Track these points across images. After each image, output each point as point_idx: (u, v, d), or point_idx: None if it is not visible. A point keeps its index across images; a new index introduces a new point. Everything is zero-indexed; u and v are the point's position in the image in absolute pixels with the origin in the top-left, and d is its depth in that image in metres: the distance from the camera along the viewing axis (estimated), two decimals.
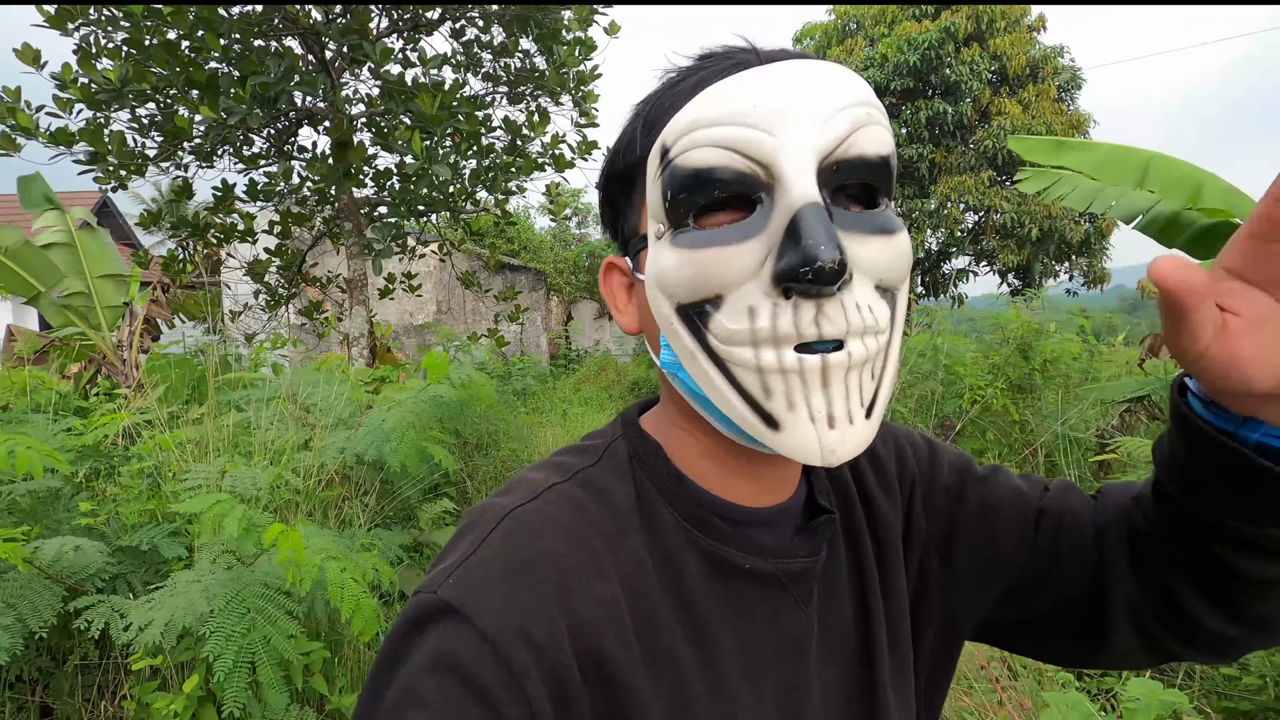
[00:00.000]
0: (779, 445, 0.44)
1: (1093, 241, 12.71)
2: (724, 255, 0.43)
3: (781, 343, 0.42)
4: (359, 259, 4.81)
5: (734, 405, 0.45)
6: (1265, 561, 0.46)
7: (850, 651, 0.56)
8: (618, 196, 0.53)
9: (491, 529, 0.47)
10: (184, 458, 2.18)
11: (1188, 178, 3.19)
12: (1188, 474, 0.47)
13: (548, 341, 13.01)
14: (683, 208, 0.44)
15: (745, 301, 0.43)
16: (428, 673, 0.41)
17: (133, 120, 4.08)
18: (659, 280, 0.46)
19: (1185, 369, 0.41)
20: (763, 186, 0.42)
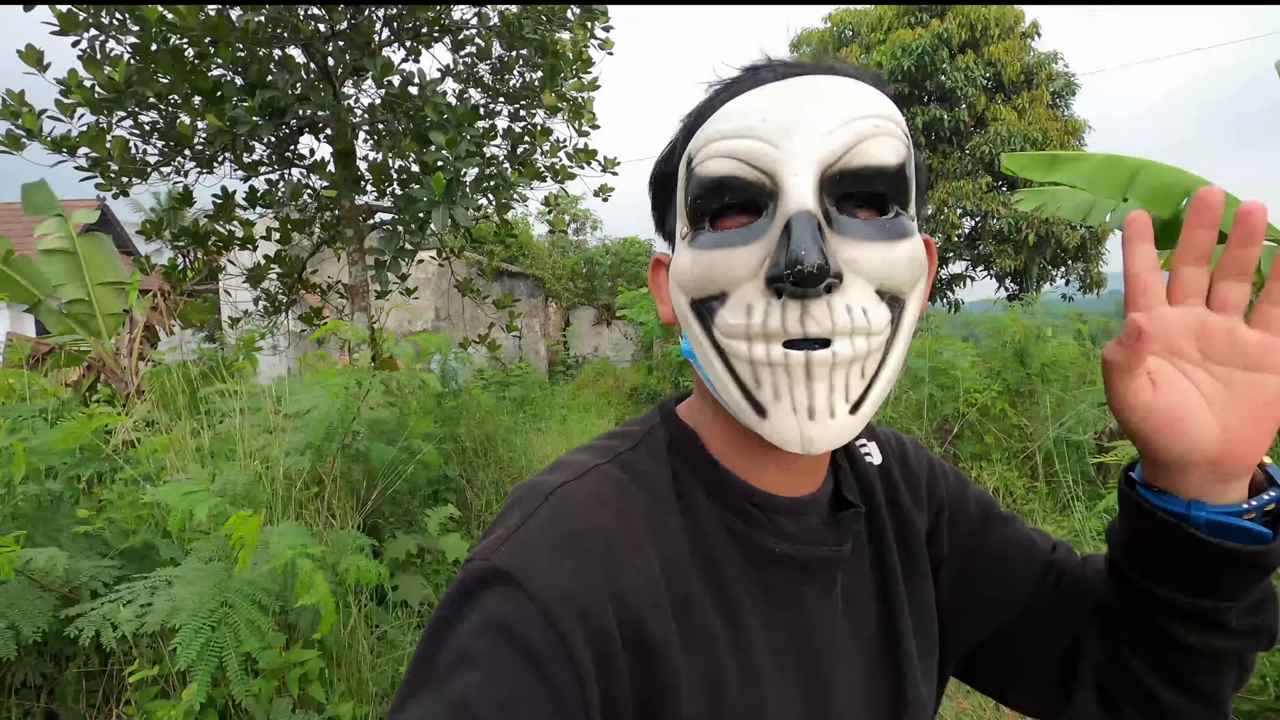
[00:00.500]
0: (765, 432, 0.47)
1: (1089, 246, 12.76)
2: (729, 256, 0.47)
3: (771, 338, 0.46)
4: (360, 265, 4.81)
5: (731, 392, 0.49)
6: (1206, 633, 0.50)
7: (874, 641, 0.58)
8: (660, 199, 0.57)
9: (540, 503, 0.50)
10: (175, 463, 2.19)
11: (1175, 185, 3.22)
12: (1141, 555, 0.52)
13: (546, 348, 13.01)
14: (701, 211, 0.49)
15: (745, 299, 0.47)
16: (480, 634, 0.43)
17: (134, 126, 4.09)
18: (677, 277, 0.52)
19: (1134, 431, 0.48)
20: (768, 195, 0.46)
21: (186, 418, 2.64)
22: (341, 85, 4.46)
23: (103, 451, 2.39)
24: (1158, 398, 0.46)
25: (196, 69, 3.82)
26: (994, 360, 5.01)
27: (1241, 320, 0.46)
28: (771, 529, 0.54)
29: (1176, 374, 0.47)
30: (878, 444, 0.68)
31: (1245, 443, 0.45)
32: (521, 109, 5.09)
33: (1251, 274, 0.45)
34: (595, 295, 14.14)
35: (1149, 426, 0.46)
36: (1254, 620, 0.50)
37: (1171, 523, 0.47)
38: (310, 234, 5.30)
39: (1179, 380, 0.46)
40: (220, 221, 4.78)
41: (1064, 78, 13.16)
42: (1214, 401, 0.46)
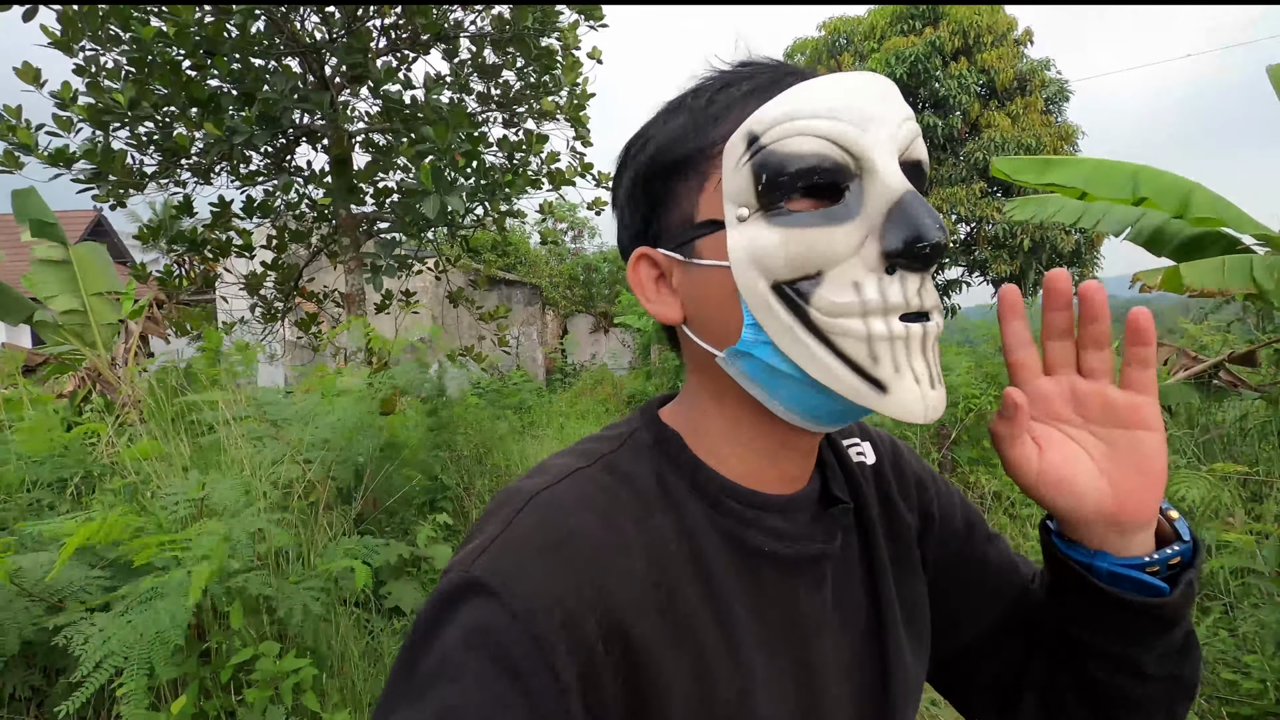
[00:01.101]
0: (885, 407, 0.47)
1: (1083, 251, 12.82)
2: (828, 235, 0.46)
3: (890, 312, 0.46)
4: (356, 274, 4.82)
5: (838, 374, 0.47)
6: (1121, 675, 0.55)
7: (865, 637, 0.58)
8: (661, 186, 0.53)
9: (520, 510, 0.49)
10: (161, 472, 2.17)
11: (1175, 189, 3.25)
12: (1060, 598, 0.57)
13: (544, 355, 13.01)
14: (779, 190, 0.47)
15: (849, 277, 0.46)
16: (459, 648, 0.42)
17: (132, 138, 4.09)
18: (755, 258, 0.48)
19: (1029, 493, 0.52)
20: (851, 176, 0.47)
21: (172, 429, 2.62)
22: (338, 94, 4.48)
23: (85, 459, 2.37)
24: (1044, 460, 0.51)
25: (193, 80, 3.83)
26: (990, 365, 5.02)
27: (1111, 383, 0.51)
28: (760, 526, 0.54)
29: (1063, 438, 0.52)
30: (871, 444, 0.68)
31: (1133, 496, 0.50)
32: (515, 117, 5.10)
33: (1106, 344, 0.51)
34: (593, 303, 14.16)
35: (1040, 487, 0.51)
36: (1172, 669, 0.54)
37: (1079, 571, 0.52)
38: (307, 244, 5.31)
39: (1065, 444, 0.52)
40: (218, 230, 4.79)
41: (1057, 84, 13.25)
42: (1099, 460, 0.51)
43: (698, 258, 0.51)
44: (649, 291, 0.55)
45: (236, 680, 1.76)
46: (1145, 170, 3.31)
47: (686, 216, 0.52)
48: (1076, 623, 0.55)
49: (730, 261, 0.49)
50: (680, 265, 0.53)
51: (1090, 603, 0.53)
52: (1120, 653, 0.53)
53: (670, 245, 0.53)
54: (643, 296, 0.55)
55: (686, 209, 0.52)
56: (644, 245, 0.55)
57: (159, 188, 4.40)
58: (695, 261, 0.51)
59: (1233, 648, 2.61)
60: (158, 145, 4.14)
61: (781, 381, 0.50)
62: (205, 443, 2.51)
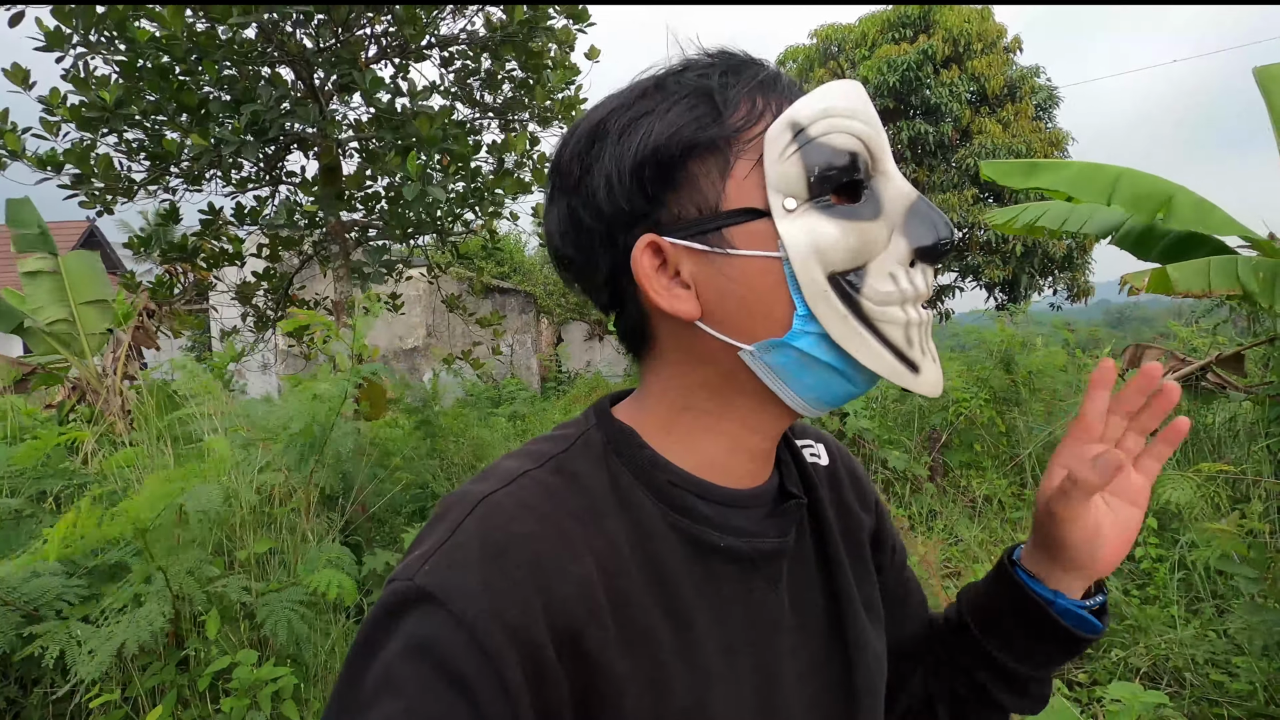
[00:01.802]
0: (917, 385, 0.52)
1: (1075, 256, 12.89)
2: (874, 229, 0.50)
3: (919, 300, 0.52)
4: (345, 282, 4.81)
5: (884, 359, 0.50)
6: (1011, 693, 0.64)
7: (822, 633, 0.58)
8: (674, 170, 0.49)
9: (466, 515, 0.48)
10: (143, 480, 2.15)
11: (1156, 192, 3.26)
12: (995, 621, 0.63)
13: (538, 363, 13.00)
14: (829, 183, 0.49)
15: (886, 268, 0.50)
16: (403, 660, 0.41)
17: (120, 143, 4.09)
18: (818, 249, 0.48)
19: (1059, 535, 0.57)
20: (869, 175, 0.50)
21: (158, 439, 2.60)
22: (329, 102, 4.48)
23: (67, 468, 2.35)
24: (1088, 514, 0.56)
25: (183, 85, 3.83)
26: (981, 369, 5.03)
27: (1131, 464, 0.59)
28: (715, 523, 0.53)
29: (1096, 498, 0.58)
30: (825, 446, 0.69)
31: (1113, 556, 0.58)
32: (510, 122, 5.11)
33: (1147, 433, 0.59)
34: (587, 310, 14.16)
35: (1076, 534, 0.56)
36: (1041, 690, 0.64)
37: (1038, 603, 0.59)
38: (298, 252, 5.30)
39: (1097, 502, 0.58)
40: (208, 238, 4.78)
41: (1046, 90, 13.35)
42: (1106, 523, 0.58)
43: (729, 247, 0.49)
44: (656, 284, 0.50)
45: (214, 689, 1.74)
46: (1127, 174, 3.33)
47: (709, 204, 0.49)
48: (1002, 645, 0.62)
49: (786, 252, 0.48)
50: (699, 255, 0.50)
51: (1032, 633, 0.60)
52: (1023, 674, 0.62)
53: (685, 234, 0.49)
54: (650, 289, 0.50)
55: (708, 196, 0.49)
56: (648, 233, 0.50)
57: (148, 194, 4.39)
58: (728, 251, 0.49)
59: (1222, 649, 2.61)
60: (146, 151, 4.13)
61: (813, 371, 0.51)
62: (188, 450, 2.49)
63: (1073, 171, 3.46)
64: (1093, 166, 3.46)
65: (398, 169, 4.08)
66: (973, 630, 0.64)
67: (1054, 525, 0.57)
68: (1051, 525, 0.57)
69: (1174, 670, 2.59)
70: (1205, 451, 3.83)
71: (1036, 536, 0.60)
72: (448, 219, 4.90)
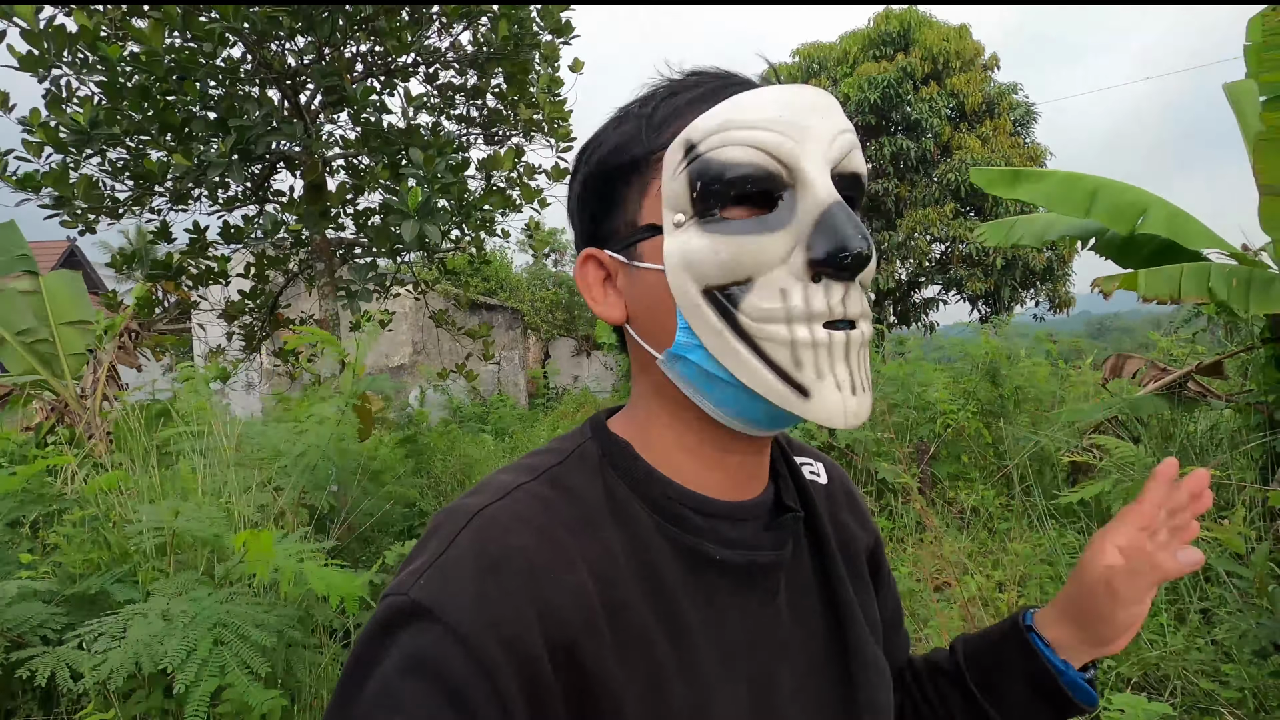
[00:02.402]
0: (808, 412, 0.48)
1: (1055, 268, 13.08)
2: (758, 243, 0.48)
3: (814, 319, 0.48)
4: (331, 299, 4.78)
5: (764, 378, 0.48)
6: None
7: (822, 645, 0.57)
8: (610, 189, 0.54)
9: (460, 529, 0.48)
10: (126, 504, 2.11)
11: (1134, 203, 3.33)
12: (1000, 680, 0.64)
13: (526, 380, 12.96)
14: (713, 198, 0.48)
15: (776, 284, 0.48)
16: (400, 675, 0.41)
17: (103, 164, 4.05)
18: (687, 264, 0.49)
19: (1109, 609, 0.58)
20: (784, 186, 0.48)
21: (142, 461, 2.56)
22: (314, 120, 4.48)
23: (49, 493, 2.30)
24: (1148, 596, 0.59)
25: (166, 104, 3.81)
26: (967, 381, 5.07)
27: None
28: (711, 535, 0.53)
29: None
30: (824, 466, 0.70)
31: (1130, 638, 0.60)
32: (496, 134, 5.13)
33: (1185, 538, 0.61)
34: (575, 326, 14.16)
35: (1127, 614, 0.58)
36: None
37: (1050, 673, 0.61)
38: (284, 270, 5.27)
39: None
40: (194, 257, 4.74)
41: (1023, 106, 13.62)
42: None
43: (639, 260, 0.52)
44: (595, 292, 0.56)
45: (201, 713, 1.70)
46: (1105, 186, 3.40)
47: (630, 220, 0.53)
48: (995, 701, 0.64)
49: (665, 265, 0.50)
50: (624, 267, 0.54)
51: (1035, 698, 0.62)
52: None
53: (615, 247, 0.54)
54: (589, 297, 0.56)
55: (630, 213, 0.53)
56: (592, 246, 0.56)
57: (133, 215, 4.36)
58: (636, 264, 0.53)
59: (1211, 658, 2.62)
60: (130, 171, 4.10)
61: (716, 385, 0.50)
62: (174, 472, 2.45)
63: (1053, 183, 3.53)
64: (1074, 176, 3.53)
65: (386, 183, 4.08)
66: (968, 683, 0.65)
67: (1110, 601, 0.58)
68: (1106, 600, 0.58)
69: (1164, 680, 2.60)
70: (1190, 458, 3.87)
71: (1071, 608, 0.61)
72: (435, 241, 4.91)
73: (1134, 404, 3.75)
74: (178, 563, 1.75)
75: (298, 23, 3.83)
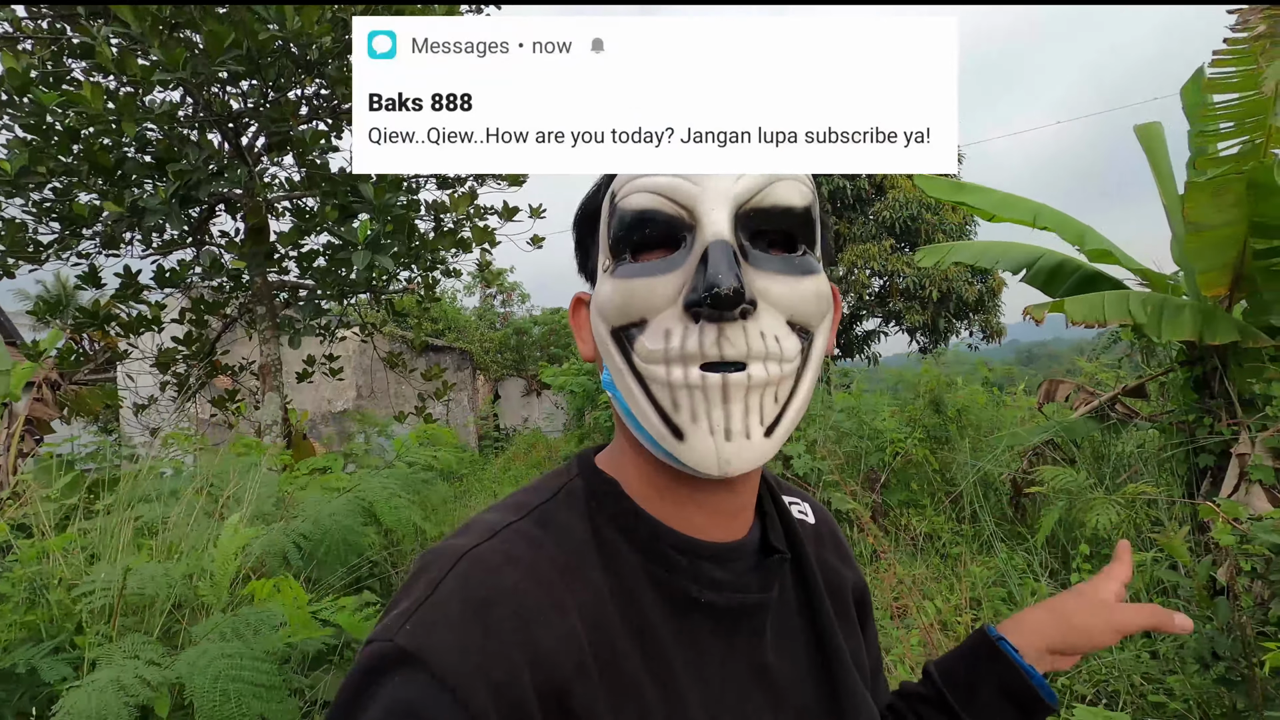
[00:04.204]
0: (683, 455, 0.47)
1: (986, 300, 13.72)
2: (649, 285, 0.49)
3: (689, 361, 0.47)
4: (272, 344, 4.63)
5: (649, 417, 0.49)
6: None
7: (811, 688, 0.57)
8: (585, 235, 0.58)
9: (447, 571, 0.46)
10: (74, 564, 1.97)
11: (1072, 224, 3.58)
12: (977, 693, 0.66)
13: (475, 421, 12.72)
14: (623, 244, 0.51)
15: (664, 325, 0.48)
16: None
17: (30, 206, 3.86)
18: (598, 306, 0.53)
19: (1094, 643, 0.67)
20: (686, 228, 0.49)
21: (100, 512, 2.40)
22: (257, 162, 4.40)
23: None
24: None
25: (99, 146, 3.67)
26: (911, 409, 5.23)
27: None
28: (696, 576, 0.53)
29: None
30: (812, 508, 0.70)
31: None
32: (448, 177, 5.12)
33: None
34: (524, 366, 14.03)
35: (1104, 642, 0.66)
36: None
37: (1019, 673, 0.64)
38: (222, 316, 5.08)
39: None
40: (125, 303, 4.53)
41: None
42: None
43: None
44: (584, 332, 0.58)
45: None
46: (1044, 208, 3.64)
47: (595, 264, 0.56)
48: (973, 710, 0.66)
49: (593, 309, 0.54)
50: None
51: (1010, 704, 0.65)
52: None
53: (591, 288, 0.57)
54: (577, 336, 0.58)
55: (595, 257, 0.57)
56: (584, 290, 0.59)
57: (58, 259, 4.15)
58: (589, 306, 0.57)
59: (1157, 670, 2.72)
60: (57, 214, 3.92)
61: (633, 420, 0.52)
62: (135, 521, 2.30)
63: (998, 197, 3.75)
64: (1013, 196, 3.77)
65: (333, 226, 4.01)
66: (950, 702, 0.67)
67: (1104, 638, 0.66)
68: (1101, 638, 0.66)
69: (1114, 695, 2.68)
70: (1122, 477, 4.07)
71: (1047, 635, 0.67)
72: (383, 278, 4.83)
73: (1068, 427, 3.93)
74: (123, 626, 1.63)
75: (241, 66, 3.78)
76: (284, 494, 3.23)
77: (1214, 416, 3.13)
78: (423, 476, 3.95)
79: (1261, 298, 3.00)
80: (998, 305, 13.80)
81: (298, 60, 4.01)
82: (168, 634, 2.01)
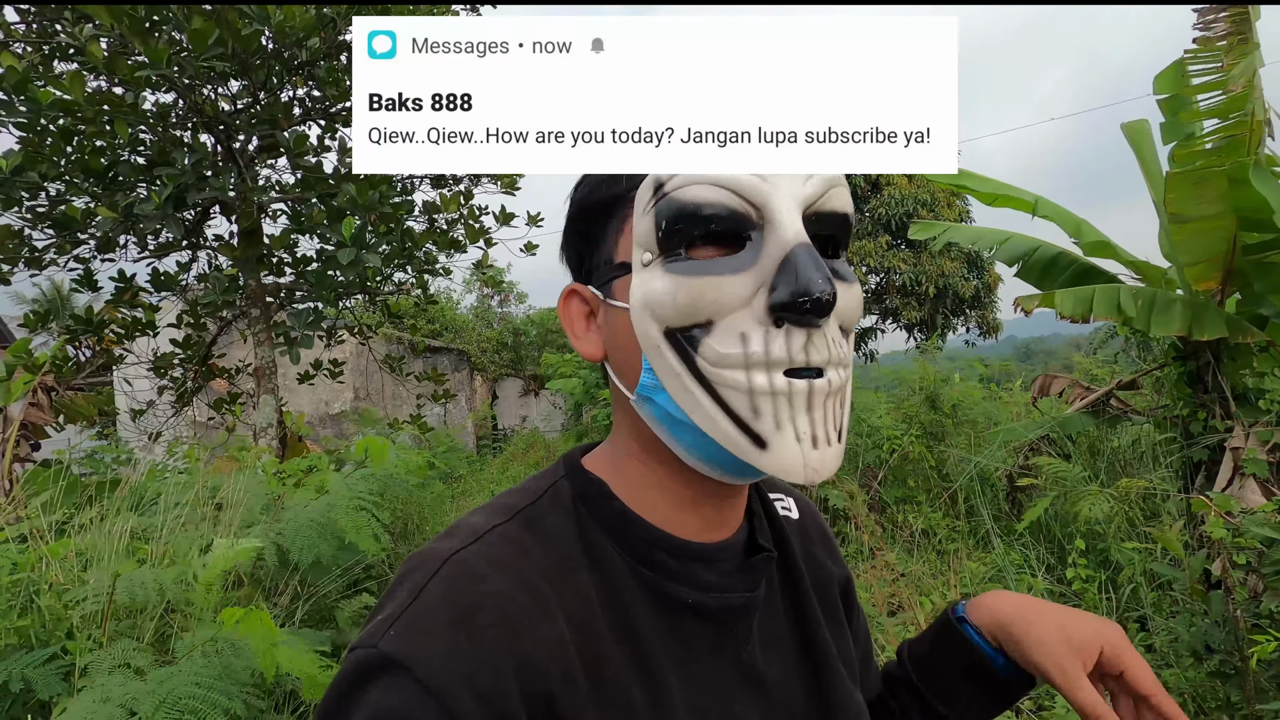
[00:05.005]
0: (765, 464, 0.46)
1: (982, 295, 13.76)
2: (719, 284, 0.46)
3: (774, 366, 0.45)
4: (266, 346, 4.62)
5: (720, 425, 0.46)
6: None
7: (799, 688, 0.56)
8: (591, 226, 0.55)
9: (431, 575, 0.46)
10: (69, 569, 1.96)
11: (1070, 217, 3.60)
12: (935, 671, 0.65)
13: (473, 422, 12.70)
14: (677, 237, 0.48)
15: (737, 328, 0.46)
16: None
17: (24, 212, 3.84)
18: (648, 304, 0.48)
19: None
20: (753, 226, 0.47)
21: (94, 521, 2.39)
22: (249, 165, 4.38)
23: None
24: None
25: (92, 149, 3.65)
26: (907, 406, 5.25)
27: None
28: (684, 577, 0.52)
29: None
30: (796, 502, 0.70)
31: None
32: (442, 178, 5.10)
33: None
34: (522, 366, 14.02)
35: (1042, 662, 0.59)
36: None
37: (977, 650, 0.62)
38: (218, 318, 5.06)
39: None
40: (120, 307, 4.50)
41: None
42: None
43: (613, 298, 0.52)
44: (577, 327, 0.55)
45: None
46: (1042, 199, 3.65)
47: (608, 257, 0.53)
48: (938, 693, 0.65)
49: (630, 305, 0.50)
50: (603, 304, 0.54)
51: (973, 680, 0.63)
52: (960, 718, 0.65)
53: (596, 284, 0.54)
54: (570, 332, 0.56)
55: (608, 250, 0.53)
56: (578, 282, 0.56)
57: (59, 266, 4.13)
58: (610, 302, 0.53)
59: (1150, 663, 2.73)
60: (50, 219, 3.90)
61: (681, 429, 0.49)
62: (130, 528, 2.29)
63: (997, 185, 3.76)
64: (1012, 187, 3.79)
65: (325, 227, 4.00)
66: (916, 682, 0.66)
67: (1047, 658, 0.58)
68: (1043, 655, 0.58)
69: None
70: (1117, 471, 4.09)
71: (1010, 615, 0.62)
72: (377, 279, 4.82)
73: (1063, 422, 3.95)
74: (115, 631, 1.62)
75: (232, 68, 3.76)
76: (274, 495, 3.22)
77: (1208, 411, 3.15)
78: (408, 479, 3.92)
79: (1253, 291, 3.01)
80: (994, 301, 13.84)
81: (287, 62, 4.00)
82: (161, 638, 2.00)
